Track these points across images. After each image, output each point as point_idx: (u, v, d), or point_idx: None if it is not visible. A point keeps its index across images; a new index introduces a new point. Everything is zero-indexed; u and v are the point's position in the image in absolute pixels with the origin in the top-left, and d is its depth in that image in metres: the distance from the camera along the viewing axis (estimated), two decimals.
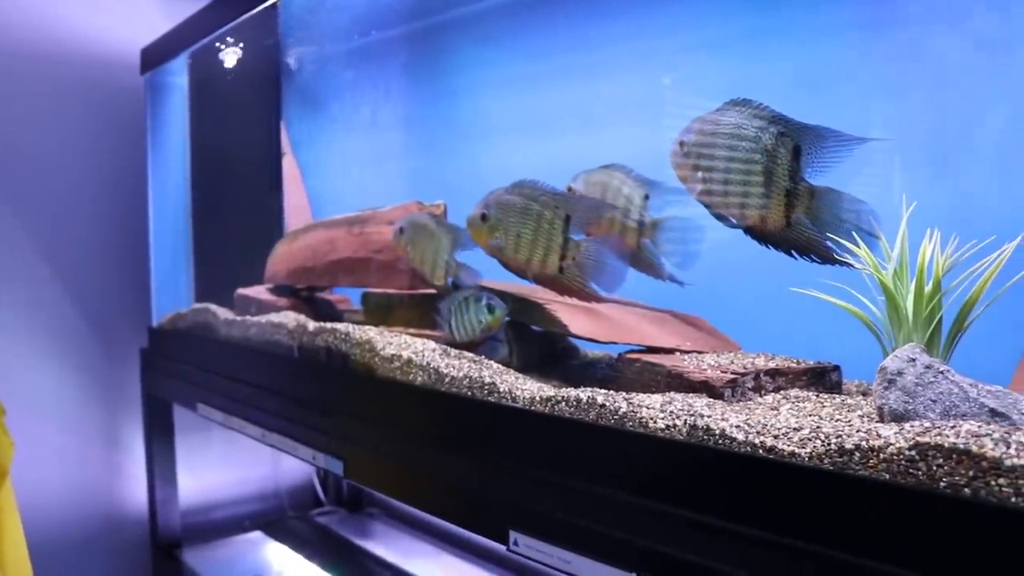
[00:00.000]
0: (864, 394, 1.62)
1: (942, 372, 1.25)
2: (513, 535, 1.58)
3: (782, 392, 1.54)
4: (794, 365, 1.62)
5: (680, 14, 2.32)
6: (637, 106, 2.40)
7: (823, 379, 1.63)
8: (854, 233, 1.51)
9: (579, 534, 1.45)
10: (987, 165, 1.76)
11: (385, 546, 3.54)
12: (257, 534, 3.72)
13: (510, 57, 2.89)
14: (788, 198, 1.58)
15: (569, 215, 1.87)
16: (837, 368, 1.66)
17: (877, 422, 1.27)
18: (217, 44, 3.12)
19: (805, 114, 1.58)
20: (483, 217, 1.95)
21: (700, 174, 1.65)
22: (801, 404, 1.45)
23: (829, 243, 1.55)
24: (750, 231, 1.65)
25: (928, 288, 1.41)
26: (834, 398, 1.50)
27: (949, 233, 1.43)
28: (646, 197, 1.95)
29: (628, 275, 1.88)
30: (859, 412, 1.37)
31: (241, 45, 3.11)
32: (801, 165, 1.57)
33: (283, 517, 3.93)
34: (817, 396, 1.51)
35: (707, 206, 1.67)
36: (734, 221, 1.67)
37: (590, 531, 1.44)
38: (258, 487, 3.95)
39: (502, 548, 1.59)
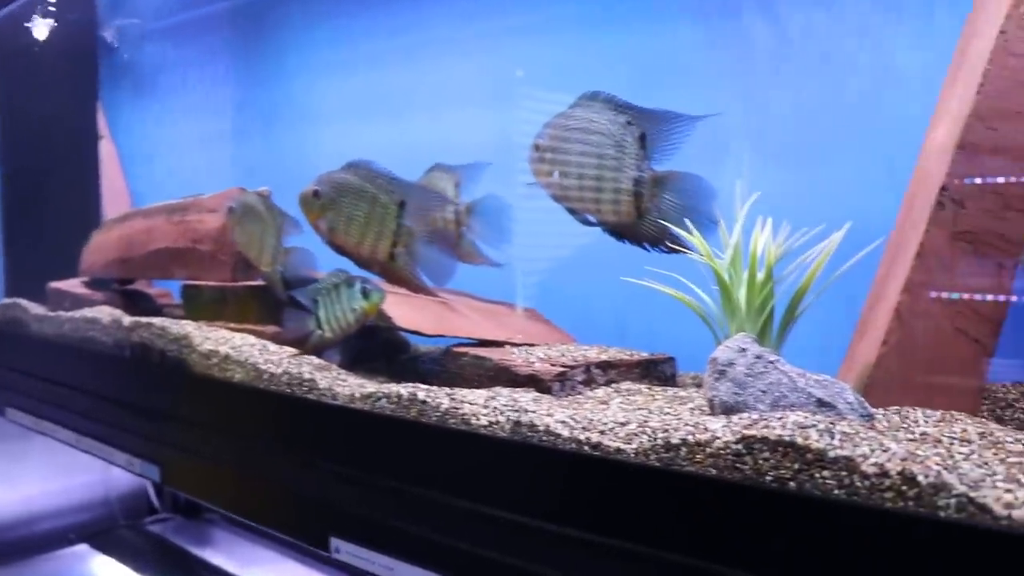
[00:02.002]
0: (698, 386, 1.58)
1: (772, 362, 1.21)
2: (335, 542, 1.49)
3: (614, 385, 1.49)
4: (627, 357, 1.57)
5: None
6: (472, 89, 2.33)
7: (657, 371, 1.59)
8: (687, 220, 1.49)
9: (402, 539, 1.37)
10: (824, 155, 1.76)
11: (224, 554, 3.35)
12: (83, 547, 3.47)
13: (343, 37, 2.76)
14: (638, 188, 1.56)
15: (404, 201, 1.78)
16: (671, 359, 1.62)
17: (707, 415, 1.22)
18: (25, 14, 2.88)
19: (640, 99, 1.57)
20: (315, 194, 1.84)
21: (556, 174, 1.62)
22: (632, 397, 1.40)
23: (673, 231, 1.53)
24: (607, 227, 1.63)
25: (760, 277, 1.38)
26: (666, 391, 1.45)
27: (798, 222, 1.41)
28: (457, 185, 1.92)
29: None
30: (691, 405, 1.32)
31: (52, 17, 2.89)
32: (648, 152, 1.56)
33: (113, 527, 3.67)
34: (649, 389, 1.46)
35: (566, 206, 1.65)
36: (592, 219, 1.64)
37: (413, 536, 1.36)
38: (85, 495, 3.68)
39: None
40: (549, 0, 2.20)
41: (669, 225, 1.53)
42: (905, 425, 1.15)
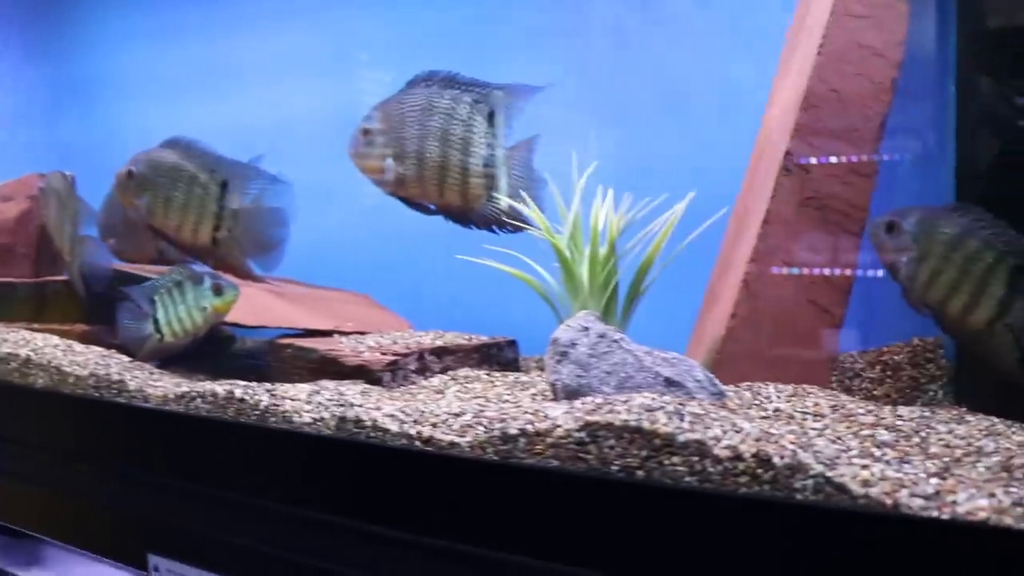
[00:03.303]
0: (542, 370, 1.49)
1: (616, 341, 1.13)
2: (153, 559, 1.34)
3: (450, 372, 1.38)
4: (464, 342, 1.46)
5: None
6: (303, 62, 2.19)
7: (498, 355, 1.49)
8: (523, 193, 1.41)
9: (225, 553, 1.24)
10: (665, 122, 1.70)
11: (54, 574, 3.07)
12: None
13: (150, 5, 2.56)
14: (488, 168, 1.48)
15: (227, 181, 1.64)
16: (512, 343, 1.53)
17: (551, 400, 1.13)
18: None
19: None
20: (130, 174, 1.66)
21: (389, 161, 1.50)
22: (470, 385, 1.29)
23: (517, 208, 1.44)
24: (451, 213, 1.53)
25: (603, 251, 1.30)
26: (507, 376, 1.36)
27: (641, 193, 1.34)
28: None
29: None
30: (533, 390, 1.23)
31: None
32: (497, 129, 1.47)
33: None
34: (489, 375, 1.36)
35: (401, 196, 1.53)
36: (433, 207, 1.54)
37: (237, 549, 1.22)
38: None
39: None
40: None
41: (514, 204, 1.44)
42: (757, 402, 1.09)
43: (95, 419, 1.50)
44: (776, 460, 0.84)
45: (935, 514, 0.78)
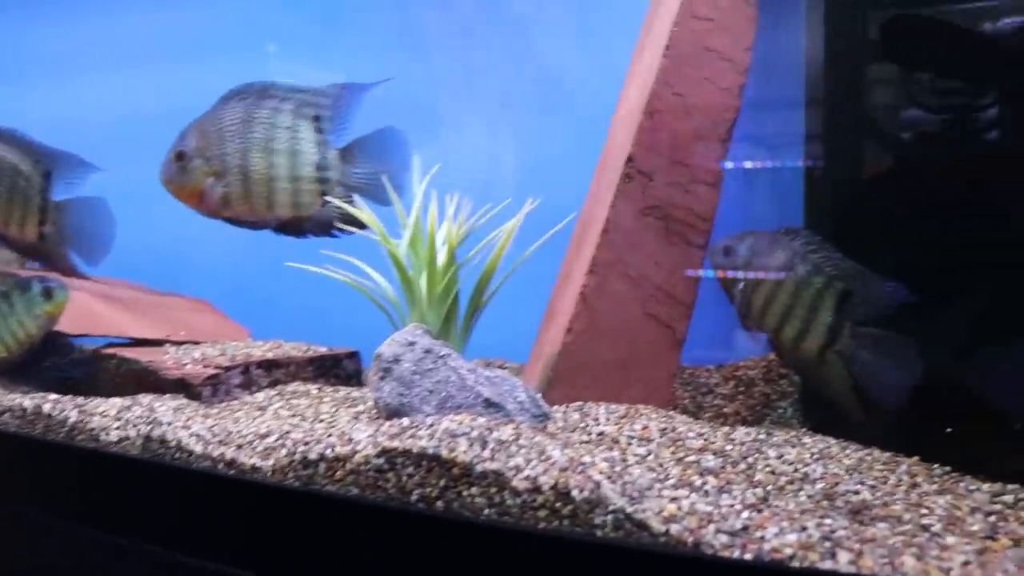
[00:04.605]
0: None
1: (442, 357, 1.06)
2: None
3: (279, 387, 1.30)
4: (298, 354, 1.37)
5: None
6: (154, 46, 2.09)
7: (337, 368, 1.41)
8: (357, 196, 1.33)
9: None
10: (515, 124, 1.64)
11: None
12: None
13: None
14: (323, 173, 1.40)
15: (50, 171, 1.53)
16: (354, 355, 1.44)
17: (377, 419, 1.06)
18: None
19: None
20: None
21: (211, 182, 1.40)
22: (296, 401, 1.21)
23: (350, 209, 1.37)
24: (282, 226, 1.44)
25: (442, 260, 1.23)
26: (339, 391, 1.27)
27: (487, 198, 1.28)
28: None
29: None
30: (360, 408, 1.15)
31: None
32: (326, 132, 1.39)
33: None
34: (320, 390, 1.28)
35: (225, 216, 1.43)
36: (263, 221, 1.45)
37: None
38: None
39: None
40: None
41: (342, 205, 1.37)
42: (583, 424, 1.03)
43: None
44: (575, 493, 0.78)
45: (737, 553, 0.73)
